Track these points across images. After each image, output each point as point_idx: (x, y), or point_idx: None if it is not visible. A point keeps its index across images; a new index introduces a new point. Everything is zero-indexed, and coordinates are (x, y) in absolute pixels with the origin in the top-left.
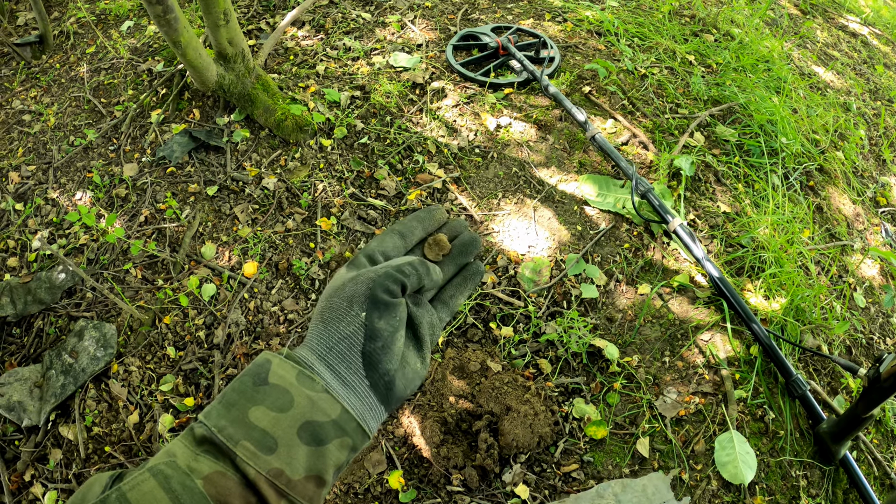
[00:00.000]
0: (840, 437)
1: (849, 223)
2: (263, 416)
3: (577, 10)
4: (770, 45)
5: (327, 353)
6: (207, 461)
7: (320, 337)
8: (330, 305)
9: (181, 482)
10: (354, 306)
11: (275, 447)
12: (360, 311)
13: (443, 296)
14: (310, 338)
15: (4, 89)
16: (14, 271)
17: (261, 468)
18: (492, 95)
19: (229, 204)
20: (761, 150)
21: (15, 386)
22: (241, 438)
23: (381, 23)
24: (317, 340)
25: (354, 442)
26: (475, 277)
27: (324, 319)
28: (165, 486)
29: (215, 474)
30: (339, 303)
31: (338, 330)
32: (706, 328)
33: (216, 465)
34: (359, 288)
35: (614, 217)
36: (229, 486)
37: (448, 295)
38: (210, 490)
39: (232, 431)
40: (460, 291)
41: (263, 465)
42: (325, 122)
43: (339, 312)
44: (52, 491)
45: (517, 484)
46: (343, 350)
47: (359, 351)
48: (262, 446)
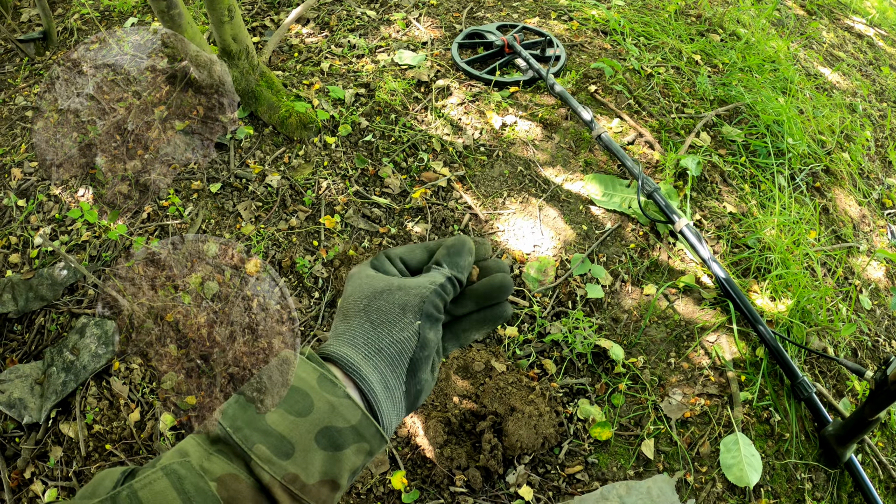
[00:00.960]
0: (846, 440)
1: (855, 225)
2: (281, 420)
3: (582, 9)
4: (776, 46)
5: (375, 355)
6: (220, 462)
7: (368, 337)
8: (378, 308)
9: (194, 484)
10: (408, 314)
11: (291, 452)
12: (413, 319)
13: (455, 328)
14: (353, 336)
15: (8, 85)
16: (16, 268)
17: (276, 474)
18: (497, 94)
19: (232, 201)
20: (768, 150)
21: (16, 383)
22: (256, 441)
23: (386, 20)
24: (363, 340)
25: (372, 447)
26: (497, 321)
27: (371, 321)
28: (178, 487)
29: (228, 477)
30: (389, 307)
31: (390, 333)
32: (712, 329)
33: (229, 466)
34: (411, 299)
35: (620, 217)
36: (241, 489)
37: (461, 328)
38: (222, 493)
39: (248, 433)
40: (476, 329)
41: (279, 470)
42: (329, 119)
43: (391, 317)
44: (53, 489)
45: (521, 485)
46: (393, 354)
47: (408, 357)
48: (279, 451)
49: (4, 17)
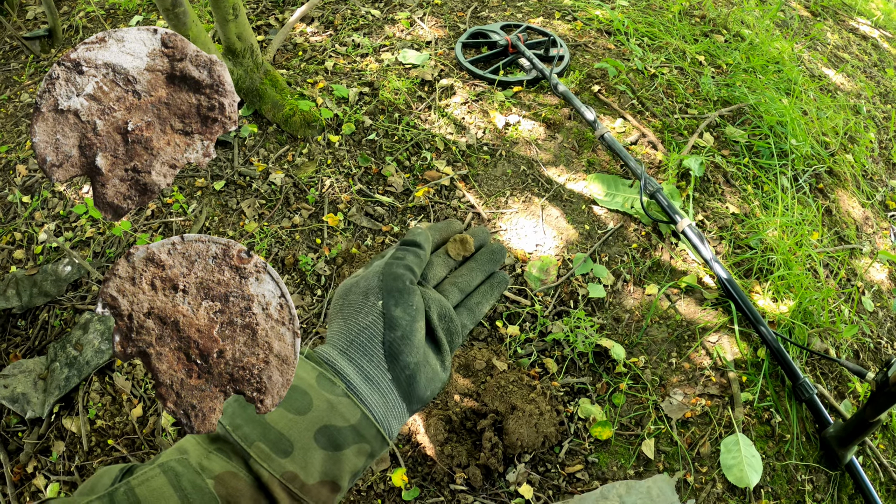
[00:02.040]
0: (846, 441)
1: (858, 226)
2: (280, 418)
3: (586, 9)
4: (780, 47)
5: (349, 347)
6: (220, 460)
7: (340, 332)
8: (347, 302)
9: (191, 481)
10: (370, 297)
11: (290, 450)
12: (376, 300)
13: (468, 302)
14: (330, 335)
15: (13, 83)
16: (20, 263)
17: (275, 471)
18: (500, 93)
19: (236, 199)
20: (771, 151)
21: (19, 378)
22: (255, 439)
23: (390, 20)
24: (338, 336)
25: (373, 448)
26: (501, 286)
27: (343, 315)
28: (175, 484)
29: (227, 474)
30: (355, 297)
31: (357, 322)
32: (713, 330)
33: (228, 464)
34: (371, 280)
35: (622, 217)
36: (240, 487)
37: (474, 302)
38: (220, 490)
39: (247, 431)
40: (486, 299)
41: (278, 467)
42: (333, 118)
43: (356, 305)
44: (55, 483)
45: (521, 483)
46: (364, 341)
47: (379, 341)
48: (278, 448)
49: (10, 14)
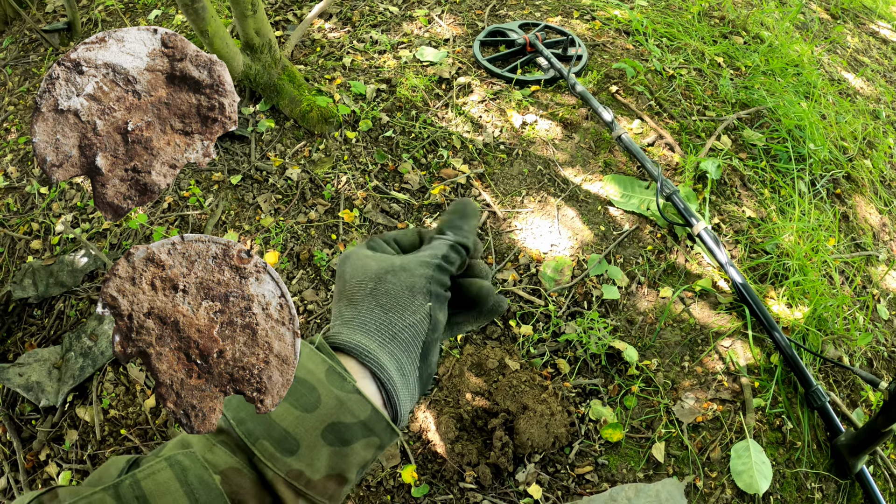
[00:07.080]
0: (858, 450)
1: (875, 233)
2: (287, 414)
3: (605, 9)
4: (800, 50)
5: (390, 341)
6: (223, 453)
7: (380, 323)
8: (387, 291)
9: (199, 476)
10: (417, 296)
11: (296, 449)
12: (423, 301)
13: (453, 318)
14: (363, 322)
15: (32, 75)
16: (37, 254)
17: (280, 470)
18: (518, 92)
19: (252, 193)
20: (789, 155)
21: (34, 366)
22: (260, 436)
23: (408, 17)
24: (376, 326)
25: (382, 441)
26: (493, 314)
27: (381, 305)
28: (181, 479)
29: (231, 470)
30: (397, 290)
31: (402, 318)
32: (727, 334)
33: (232, 459)
34: (417, 280)
35: (638, 218)
36: (244, 484)
37: (459, 318)
38: (224, 487)
39: (251, 426)
40: (471, 321)
41: (283, 466)
42: (350, 114)
43: (401, 300)
44: (67, 471)
45: (530, 483)
46: (407, 339)
47: (421, 341)
48: (283, 448)
49: (30, 7)
